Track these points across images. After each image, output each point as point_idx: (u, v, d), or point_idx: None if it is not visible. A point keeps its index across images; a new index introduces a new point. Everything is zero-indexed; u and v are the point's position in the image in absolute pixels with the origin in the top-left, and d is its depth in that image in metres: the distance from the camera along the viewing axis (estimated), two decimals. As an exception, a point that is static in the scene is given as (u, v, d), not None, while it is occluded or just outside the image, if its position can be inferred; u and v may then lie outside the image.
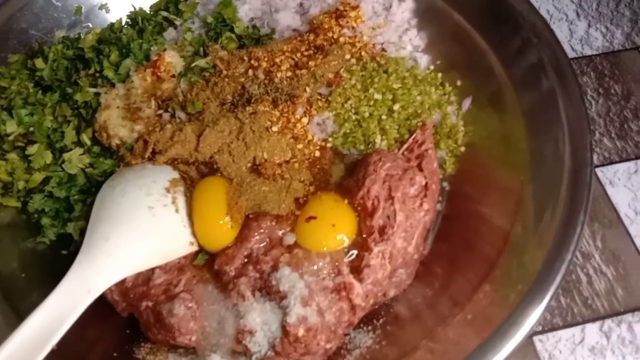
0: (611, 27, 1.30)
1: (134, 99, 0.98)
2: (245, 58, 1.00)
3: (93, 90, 1.00)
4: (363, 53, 1.03)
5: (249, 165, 0.89)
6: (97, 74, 1.03)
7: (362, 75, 1.00)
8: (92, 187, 0.95)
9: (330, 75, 0.97)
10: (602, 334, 0.94)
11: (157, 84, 1.00)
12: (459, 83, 1.07)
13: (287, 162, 0.89)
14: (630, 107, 1.19)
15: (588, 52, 1.27)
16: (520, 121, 0.95)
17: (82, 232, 0.92)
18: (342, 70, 0.99)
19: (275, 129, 0.90)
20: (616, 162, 1.11)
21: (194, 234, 0.86)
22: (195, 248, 0.86)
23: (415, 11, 1.13)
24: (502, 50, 1.02)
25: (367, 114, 0.97)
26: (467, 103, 1.05)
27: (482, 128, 1.02)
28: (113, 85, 1.01)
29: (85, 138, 0.97)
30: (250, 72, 0.98)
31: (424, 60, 1.11)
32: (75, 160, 0.95)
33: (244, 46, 1.07)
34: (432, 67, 1.09)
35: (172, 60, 1.02)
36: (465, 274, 0.89)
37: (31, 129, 0.97)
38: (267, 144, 0.89)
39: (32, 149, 0.95)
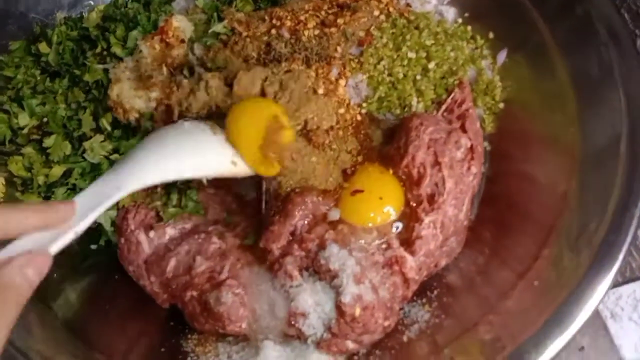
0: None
1: (144, 69, 0.91)
2: (266, 18, 0.92)
3: (101, 67, 0.94)
4: (391, 9, 0.96)
5: (298, 128, 0.81)
6: (105, 52, 0.96)
7: (393, 33, 0.93)
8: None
9: (361, 34, 0.91)
10: (664, 287, 0.90)
11: (167, 51, 0.93)
12: (491, 35, 1.00)
13: (332, 128, 0.83)
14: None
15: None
16: (564, 69, 0.88)
17: (114, 222, 0.89)
18: (372, 28, 0.93)
19: (321, 91, 0.83)
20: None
21: (239, 155, 0.78)
22: (238, 170, 0.77)
23: (438, -38, 1.06)
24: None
25: (401, 75, 0.90)
26: (502, 56, 0.98)
27: (521, 82, 0.96)
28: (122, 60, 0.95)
29: (105, 123, 0.91)
30: (274, 31, 0.91)
31: (450, 13, 1.04)
32: (97, 148, 0.89)
33: (260, 9, 1.00)
34: (459, 20, 1.02)
35: (180, 24, 0.95)
36: (518, 239, 0.84)
37: (45, 119, 0.91)
38: (316, 107, 0.81)
39: (49, 141, 0.89)
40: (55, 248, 0.59)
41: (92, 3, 1.07)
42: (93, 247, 0.91)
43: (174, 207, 0.87)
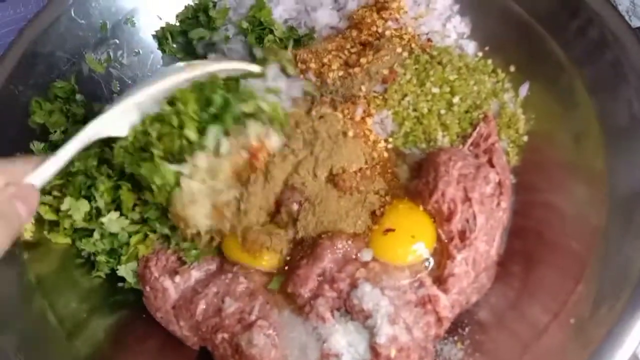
0: (658, -6, 1.23)
1: (219, 186, 0.81)
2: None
3: (174, 168, 0.80)
4: (413, 45, 0.97)
5: (325, 176, 0.82)
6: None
7: (416, 69, 0.94)
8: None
9: (385, 72, 0.91)
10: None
11: (249, 166, 0.84)
12: (512, 69, 1.00)
13: (359, 170, 0.83)
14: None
15: (637, 23, 1.20)
16: (587, 101, 0.88)
17: (135, 274, 0.89)
18: (395, 65, 0.93)
19: (351, 133, 0.84)
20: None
21: None
22: None
23: (456, -4, 1.07)
24: (557, 29, 0.95)
25: (425, 110, 0.91)
26: (524, 89, 0.99)
27: (544, 114, 0.96)
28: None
29: (126, 209, 0.88)
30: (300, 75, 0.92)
31: (471, 47, 1.05)
32: (115, 222, 0.88)
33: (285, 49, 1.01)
34: (480, 54, 1.03)
35: (275, 144, 0.84)
36: (549, 273, 0.83)
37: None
38: (345, 151, 0.82)
39: (64, 205, 0.87)
40: (39, 179, 0.63)
41: (117, 42, 1.09)
42: (120, 284, 0.91)
43: (195, 250, 0.86)
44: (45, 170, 0.65)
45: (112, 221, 0.88)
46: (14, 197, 0.58)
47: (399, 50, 0.95)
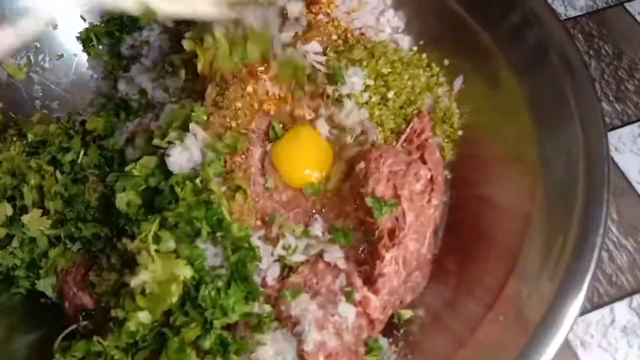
0: (591, -16, 1.25)
1: None
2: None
3: None
4: (349, 35, 0.95)
5: None
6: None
7: (350, 59, 0.92)
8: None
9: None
10: (632, 311, 0.89)
11: None
12: (446, 62, 0.99)
13: None
14: (624, 67, 1.13)
15: (572, 13, 1.22)
16: (519, 94, 0.87)
17: (55, 289, 0.85)
18: (328, 49, 0.91)
19: None
20: (618, 127, 1.06)
21: None
22: None
23: (389, -10, 1.06)
24: (491, 22, 0.94)
25: (361, 101, 0.89)
26: (458, 83, 0.98)
27: (478, 108, 0.95)
28: None
29: (52, 207, 0.86)
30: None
31: (405, 41, 1.03)
32: (35, 223, 0.84)
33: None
34: (414, 48, 1.02)
35: None
36: (484, 268, 0.82)
37: None
38: None
39: None
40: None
41: (38, 45, 1.03)
42: (43, 300, 0.87)
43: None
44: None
45: (33, 220, 0.84)
46: None
47: (334, 37, 0.92)
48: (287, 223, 0.81)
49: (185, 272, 0.67)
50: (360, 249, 0.80)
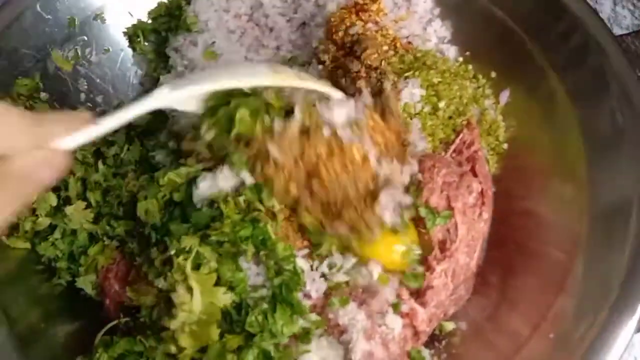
0: (638, 3, 1.23)
1: None
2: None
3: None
4: (398, 44, 0.95)
5: None
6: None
7: (401, 69, 0.91)
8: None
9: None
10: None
11: None
12: (493, 75, 0.99)
13: None
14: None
15: (618, 31, 1.20)
16: (568, 108, 0.86)
17: (95, 286, 0.85)
18: (382, 62, 0.90)
19: None
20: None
21: None
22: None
23: (438, 0, 1.05)
24: (539, 35, 0.93)
25: (412, 111, 0.88)
26: (505, 96, 0.97)
27: (525, 122, 0.95)
28: None
29: (93, 199, 0.86)
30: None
31: (451, 51, 1.03)
32: (77, 216, 0.84)
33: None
34: (460, 59, 1.01)
35: None
36: (528, 283, 0.82)
37: None
38: None
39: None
40: (72, 143, 0.57)
41: (85, 38, 1.04)
42: (83, 292, 0.87)
43: None
44: (82, 136, 0.58)
45: (76, 212, 0.85)
46: (43, 161, 0.54)
47: (385, 48, 0.92)
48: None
49: (226, 299, 0.66)
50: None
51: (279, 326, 0.66)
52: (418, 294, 0.75)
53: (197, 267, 0.67)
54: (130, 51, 1.07)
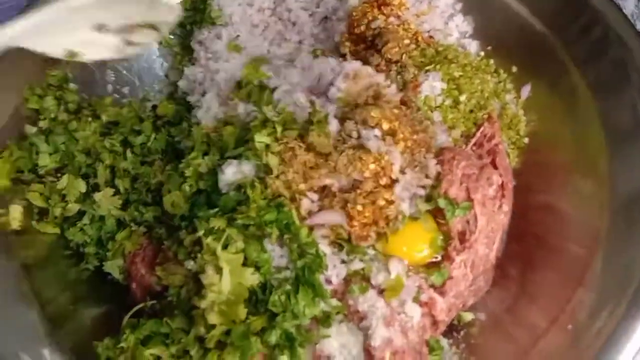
0: (662, -2, 1.22)
1: None
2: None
3: None
4: (419, 38, 0.95)
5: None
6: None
7: (422, 62, 0.92)
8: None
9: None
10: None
11: None
12: (514, 69, 0.99)
13: None
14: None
15: (641, 27, 1.19)
16: (589, 102, 0.86)
17: (122, 270, 0.87)
18: (403, 56, 0.91)
19: None
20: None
21: None
22: None
23: (459, -5, 1.06)
24: (560, 30, 0.93)
25: (434, 105, 0.90)
26: (526, 90, 0.98)
27: (546, 116, 0.95)
28: None
29: (121, 185, 0.89)
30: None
31: (473, 46, 1.03)
32: (106, 202, 0.87)
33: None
34: (482, 54, 1.02)
35: None
36: (547, 276, 0.82)
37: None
38: None
39: (62, 183, 0.87)
40: None
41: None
42: (110, 277, 0.89)
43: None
44: None
45: (104, 198, 0.87)
46: None
47: (406, 41, 0.93)
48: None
49: (253, 279, 0.68)
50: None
51: (301, 307, 0.68)
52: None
53: (225, 247, 0.69)
54: (156, 44, 1.09)
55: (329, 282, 0.73)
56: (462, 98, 0.89)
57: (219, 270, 0.68)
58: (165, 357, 0.74)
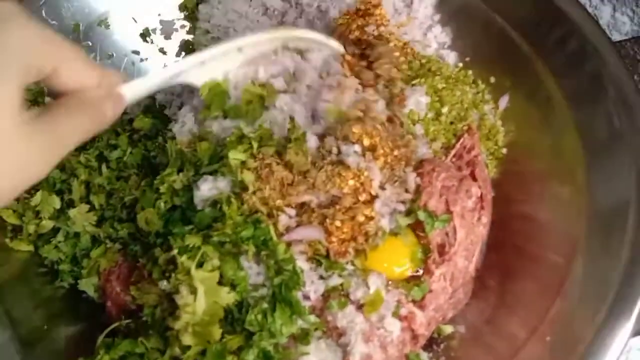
0: (637, 9, 1.24)
1: None
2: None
3: None
4: (408, 50, 0.95)
5: None
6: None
7: (409, 76, 0.92)
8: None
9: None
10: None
11: None
12: (492, 80, 0.99)
13: None
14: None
15: (617, 37, 1.21)
16: (566, 113, 0.87)
17: (97, 288, 0.86)
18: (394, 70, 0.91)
19: None
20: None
21: None
22: None
23: (437, 6, 1.06)
24: (537, 41, 0.93)
25: (417, 118, 0.90)
26: (504, 101, 0.98)
27: (524, 127, 0.95)
28: None
29: (96, 201, 0.87)
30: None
31: (451, 57, 1.03)
32: (81, 218, 0.86)
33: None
34: (460, 65, 1.02)
35: None
36: (527, 287, 0.82)
37: None
38: None
39: (35, 199, 0.86)
40: (129, 92, 0.61)
41: (90, 44, 1.05)
42: (84, 295, 0.88)
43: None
44: (137, 86, 0.63)
45: (79, 215, 0.86)
46: (107, 96, 0.57)
47: (396, 54, 0.93)
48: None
49: (229, 298, 0.67)
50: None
51: (278, 325, 0.67)
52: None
53: (200, 265, 0.68)
54: (133, 56, 1.08)
55: (307, 298, 0.72)
56: (444, 110, 0.90)
57: (193, 290, 0.66)
58: None
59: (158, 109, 1.02)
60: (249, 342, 0.66)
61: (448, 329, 0.80)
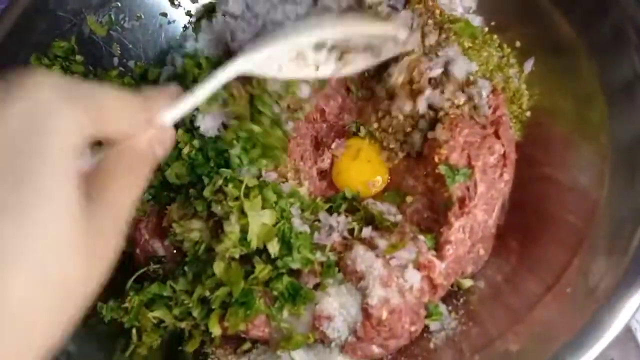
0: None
1: None
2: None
3: None
4: (436, 10, 0.95)
5: None
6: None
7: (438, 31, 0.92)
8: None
9: None
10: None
11: None
12: (518, 44, 0.99)
13: None
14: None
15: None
16: (594, 78, 0.86)
17: (126, 237, 0.87)
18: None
19: None
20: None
21: None
22: None
23: (464, -31, 1.06)
24: (565, 4, 0.93)
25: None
26: (529, 65, 0.98)
27: (548, 90, 0.95)
28: None
29: None
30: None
31: (477, 21, 1.03)
32: None
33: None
34: (486, 29, 1.02)
35: None
36: (546, 247, 0.82)
37: None
38: None
39: None
40: (172, 117, 0.55)
41: (119, 5, 1.07)
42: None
43: None
44: (181, 108, 0.57)
45: None
46: (154, 139, 0.52)
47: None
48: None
49: (273, 220, 0.72)
50: (425, 215, 0.81)
51: (298, 244, 0.73)
52: (436, 248, 0.76)
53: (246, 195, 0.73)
54: (161, 18, 1.10)
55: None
56: (471, 69, 0.90)
57: (243, 215, 0.71)
58: (168, 320, 0.76)
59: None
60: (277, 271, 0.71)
61: (467, 283, 0.81)
